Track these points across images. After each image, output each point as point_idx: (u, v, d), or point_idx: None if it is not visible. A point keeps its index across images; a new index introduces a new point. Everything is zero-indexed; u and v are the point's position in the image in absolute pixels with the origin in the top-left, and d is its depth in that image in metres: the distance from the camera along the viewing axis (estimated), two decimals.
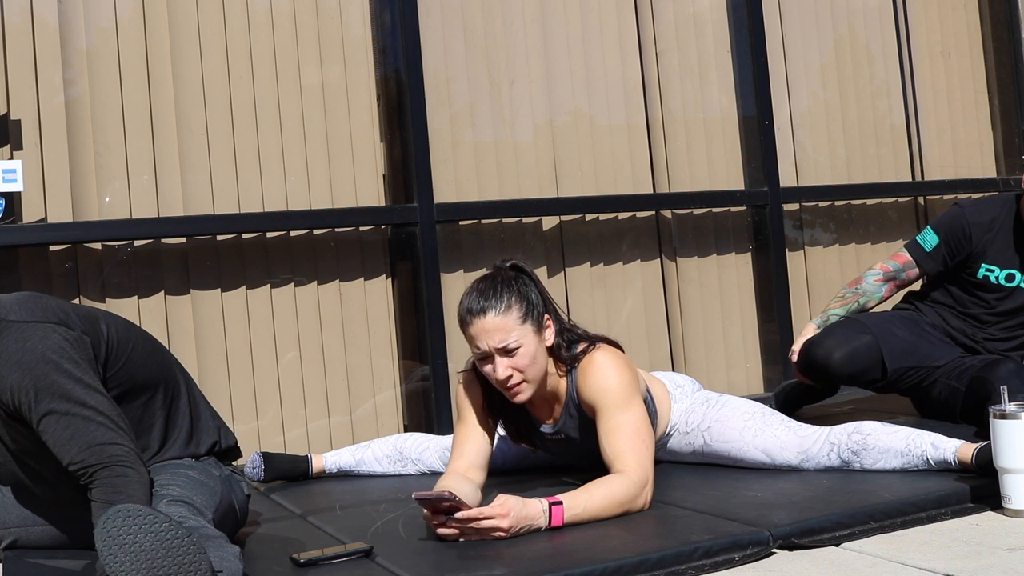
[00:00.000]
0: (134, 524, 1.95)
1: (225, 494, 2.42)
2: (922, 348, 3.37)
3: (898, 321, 3.42)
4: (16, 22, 3.47)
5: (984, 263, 3.37)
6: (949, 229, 3.40)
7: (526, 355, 2.57)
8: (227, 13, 3.74)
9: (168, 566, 1.95)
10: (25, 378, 2.19)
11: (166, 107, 3.64)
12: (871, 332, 3.31)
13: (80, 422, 2.19)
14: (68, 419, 2.18)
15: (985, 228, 3.36)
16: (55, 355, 2.21)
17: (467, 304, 2.59)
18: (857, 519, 2.39)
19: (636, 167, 4.36)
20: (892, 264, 3.49)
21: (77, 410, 2.19)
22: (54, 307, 2.32)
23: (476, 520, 2.33)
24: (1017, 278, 3.37)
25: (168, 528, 1.97)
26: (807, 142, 4.72)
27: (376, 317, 3.91)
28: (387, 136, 3.98)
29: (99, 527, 1.96)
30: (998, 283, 3.38)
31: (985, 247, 3.36)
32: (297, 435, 3.77)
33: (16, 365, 2.20)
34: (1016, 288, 3.38)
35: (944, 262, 3.42)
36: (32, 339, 2.22)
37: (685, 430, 2.96)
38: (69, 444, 2.18)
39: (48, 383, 2.19)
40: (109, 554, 1.94)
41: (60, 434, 2.19)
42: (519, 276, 2.64)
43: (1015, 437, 2.40)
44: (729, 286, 4.51)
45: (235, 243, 3.72)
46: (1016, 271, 3.36)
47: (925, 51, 5.04)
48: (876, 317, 3.44)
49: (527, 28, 4.20)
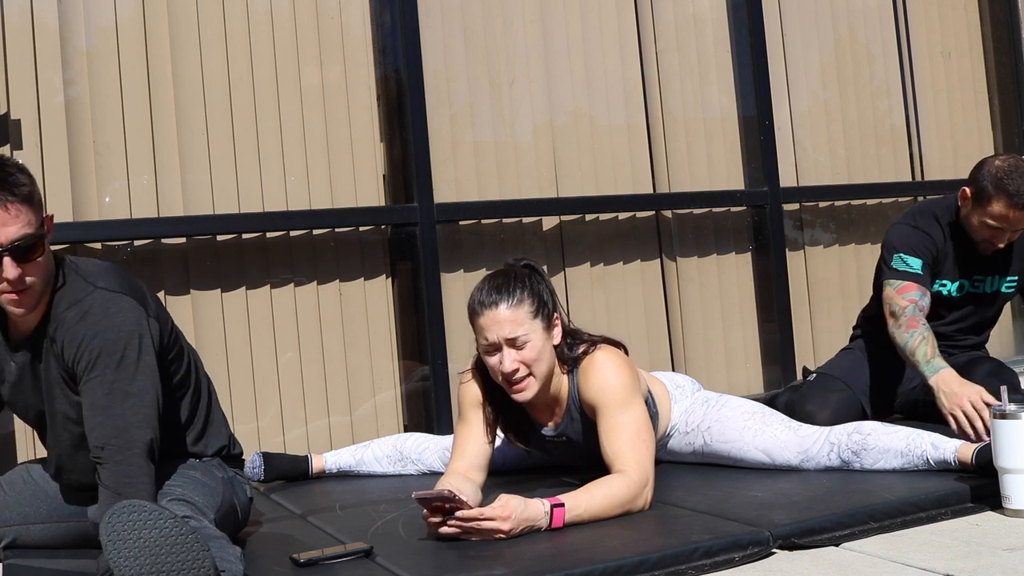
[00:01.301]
0: (139, 520, 1.96)
1: (227, 496, 2.43)
2: (891, 378, 3.45)
3: (861, 361, 3.50)
4: (16, 22, 3.47)
5: (938, 279, 3.40)
6: (923, 248, 3.34)
7: (534, 350, 2.58)
8: (227, 13, 3.74)
9: (172, 563, 1.96)
10: (96, 339, 2.23)
11: (166, 107, 3.64)
12: (846, 384, 3.41)
13: (120, 397, 2.22)
14: (111, 388, 2.21)
15: (939, 243, 3.38)
16: (131, 328, 2.26)
17: (479, 296, 2.60)
18: (857, 519, 2.39)
19: (636, 167, 4.36)
20: (917, 295, 3.29)
21: (124, 385, 2.22)
22: (135, 284, 2.38)
23: (476, 520, 2.33)
24: (966, 287, 3.43)
25: (173, 525, 1.98)
26: (807, 142, 4.72)
27: (376, 317, 3.91)
28: (387, 136, 3.98)
29: (104, 522, 1.97)
30: (949, 295, 3.43)
31: (943, 265, 3.40)
32: (297, 435, 3.77)
33: (93, 327, 2.24)
34: (966, 295, 3.43)
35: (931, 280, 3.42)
36: (114, 309, 2.26)
37: (685, 430, 2.96)
38: (100, 412, 2.21)
39: (113, 351, 2.23)
40: (114, 549, 1.96)
41: (98, 399, 2.22)
42: (532, 274, 2.65)
43: (1015, 437, 2.41)
44: (729, 286, 4.51)
45: (235, 243, 3.72)
46: (965, 280, 3.42)
47: (925, 51, 5.04)
48: (846, 363, 3.50)
49: (527, 28, 4.20)
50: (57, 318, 2.28)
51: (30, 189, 2.21)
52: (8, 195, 2.16)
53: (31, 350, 2.34)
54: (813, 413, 3.31)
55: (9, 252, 2.16)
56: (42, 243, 2.23)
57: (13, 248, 2.16)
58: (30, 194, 2.20)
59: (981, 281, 3.42)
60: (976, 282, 3.42)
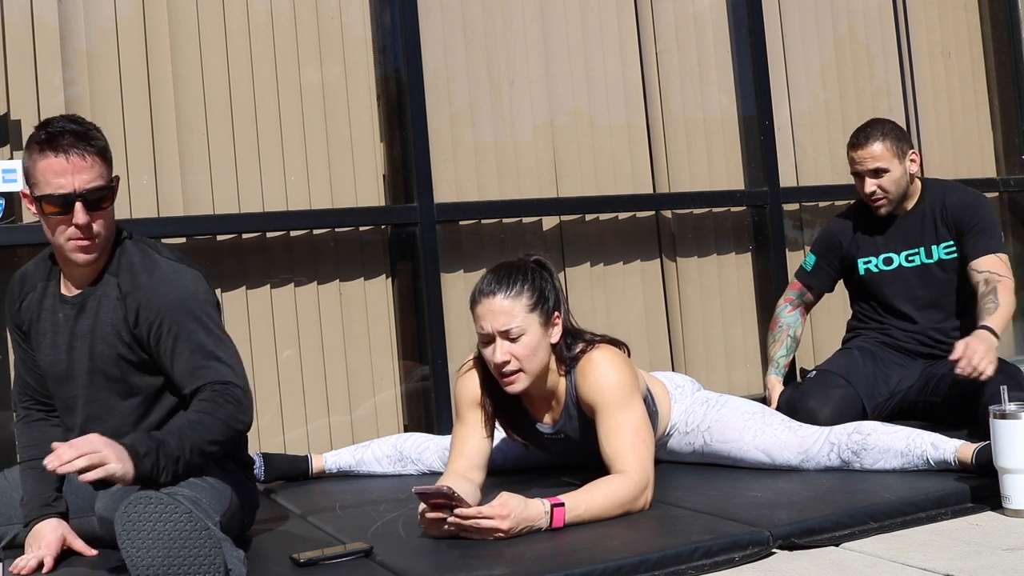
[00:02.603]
0: (155, 512, 1.98)
1: (235, 499, 2.43)
2: (892, 375, 3.48)
3: (860, 358, 3.52)
4: (16, 22, 3.47)
5: (859, 258, 3.57)
6: (820, 244, 3.69)
7: (528, 345, 2.57)
8: (227, 13, 3.74)
9: (184, 556, 1.97)
10: (175, 303, 2.36)
11: (166, 107, 3.64)
12: (846, 380, 3.41)
13: (221, 343, 2.38)
14: (209, 334, 2.36)
15: (849, 229, 3.60)
16: (205, 296, 2.42)
17: (481, 284, 2.60)
18: (857, 519, 2.39)
19: (636, 167, 4.36)
20: (792, 293, 3.77)
21: (218, 334, 2.39)
22: (192, 263, 2.50)
23: (475, 518, 2.33)
24: (896, 260, 3.51)
25: (188, 520, 1.99)
26: (807, 142, 4.73)
27: (376, 317, 3.91)
28: (387, 136, 3.98)
29: (120, 512, 2.00)
30: (880, 270, 3.53)
31: (856, 245, 3.57)
32: (297, 435, 3.77)
33: (167, 296, 2.37)
34: (898, 268, 3.50)
35: (829, 276, 3.68)
36: (185, 279, 2.41)
37: (685, 430, 2.96)
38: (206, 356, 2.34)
39: (198, 311, 2.38)
40: (128, 539, 1.97)
41: (203, 342, 2.35)
42: (539, 269, 2.65)
43: (1015, 437, 2.41)
44: (729, 286, 4.51)
45: (235, 243, 3.72)
46: (892, 253, 3.52)
47: (925, 51, 5.04)
48: (844, 360, 3.53)
49: (527, 28, 4.20)
50: (127, 278, 2.40)
51: (104, 145, 2.37)
52: (87, 146, 2.31)
53: (80, 305, 2.43)
54: (815, 410, 3.31)
55: (81, 198, 2.31)
56: (112, 195, 2.38)
57: (86, 194, 2.31)
58: (103, 149, 2.37)
59: (915, 253, 3.49)
60: (910, 256, 3.49)
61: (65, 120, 2.34)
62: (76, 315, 2.43)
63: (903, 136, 3.47)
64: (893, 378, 3.47)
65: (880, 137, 3.42)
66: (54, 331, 2.46)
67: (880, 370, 3.48)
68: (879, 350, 3.53)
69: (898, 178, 3.43)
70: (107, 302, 2.40)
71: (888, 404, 3.46)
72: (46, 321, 2.48)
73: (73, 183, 2.29)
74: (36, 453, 2.49)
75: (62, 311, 2.45)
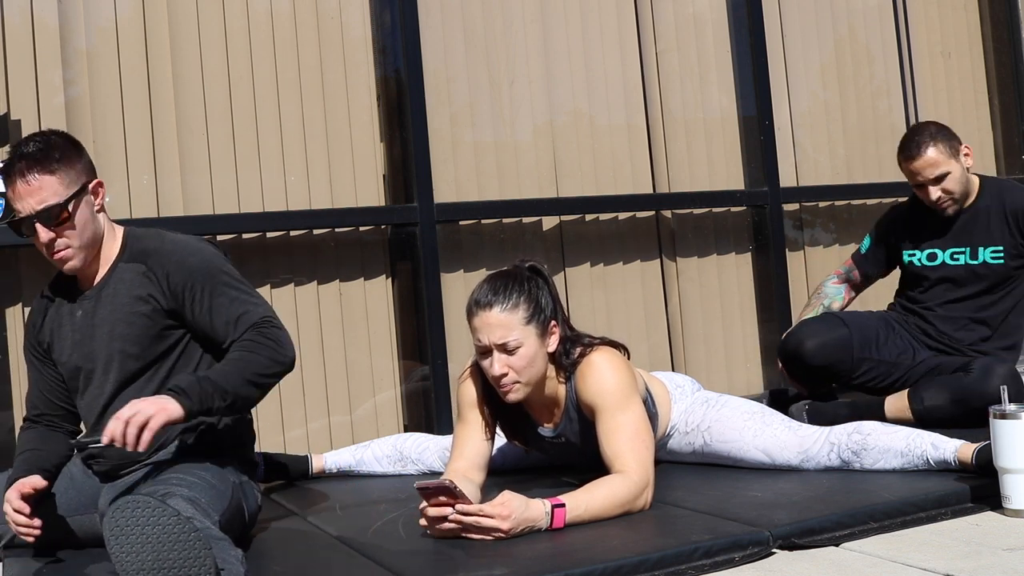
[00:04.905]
0: (143, 515, 1.98)
1: (235, 499, 2.43)
2: (894, 347, 3.50)
3: (874, 319, 3.56)
4: (16, 22, 3.47)
5: (905, 250, 3.58)
6: (877, 228, 3.70)
7: (524, 356, 2.57)
8: (227, 13, 3.74)
9: (173, 559, 1.97)
10: (199, 264, 2.47)
11: (166, 107, 3.64)
12: (845, 325, 3.46)
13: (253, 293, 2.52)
14: (240, 288, 2.49)
15: (904, 218, 3.61)
16: (225, 263, 2.54)
17: (476, 295, 2.60)
18: (857, 519, 2.39)
19: (636, 167, 4.36)
20: (843, 268, 3.78)
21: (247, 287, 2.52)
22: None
23: (476, 516, 2.33)
24: (940, 256, 3.51)
25: (176, 522, 1.99)
26: (807, 142, 4.73)
27: (376, 317, 3.91)
28: (387, 136, 3.98)
29: (108, 515, 2.00)
30: (922, 265, 3.53)
31: (906, 235, 3.58)
32: (297, 435, 3.77)
33: (190, 259, 2.48)
34: (941, 265, 3.50)
35: (879, 262, 3.69)
36: (204, 250, 2.53)
37: (685, 430, 2.96)
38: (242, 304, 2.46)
39: (225, 270, 2.50)
40: (116, 542, 1.97)
41: (236, 294, 2.47)
42: (534, 278, 2.64)
43: (1015, 437, 2.41)
44: (729, 286, 4.51)
45: (235, 243, 3.72)
46: (937, 250, 3.51)
47: (925, 51, 5.04)
48: (854, 313, 3.61)
49: (527, 28, 4.20)
50: (148, 256, 2.49)
51: (62, 159, 2.44)
52: (39, 168, 2.42)
53: (96, 297, 2.52)
54: (803, 338, 3.42)
55: (38, 219, 2.42)
56: (66, 210, 2.43)
57: (37, 216, 2.42)
58: (59, 167, 2.43)
59: (961, 253, 3.48)
60: (955, 254, 3.48)
61: (28, 142, 2.45)
62: (94, 307, 2.51)
63: (951, 133, 3.45)
64: (894, 350, 3.48)
65: (931, 142, 3.38)
66: (73, 328, 2.54)
67: (886, 335, 3.50)
68: (897, 324, 3.55)
69: (959, 176, 3.41)
70: (122, 286, 2.49)
71: (872, 368, 3.45)
72: (66, 326, 2.56)
73: (27, 206, 2.42)
74: (35, 446, 2.53)
75: (81, 308, 2.53)
